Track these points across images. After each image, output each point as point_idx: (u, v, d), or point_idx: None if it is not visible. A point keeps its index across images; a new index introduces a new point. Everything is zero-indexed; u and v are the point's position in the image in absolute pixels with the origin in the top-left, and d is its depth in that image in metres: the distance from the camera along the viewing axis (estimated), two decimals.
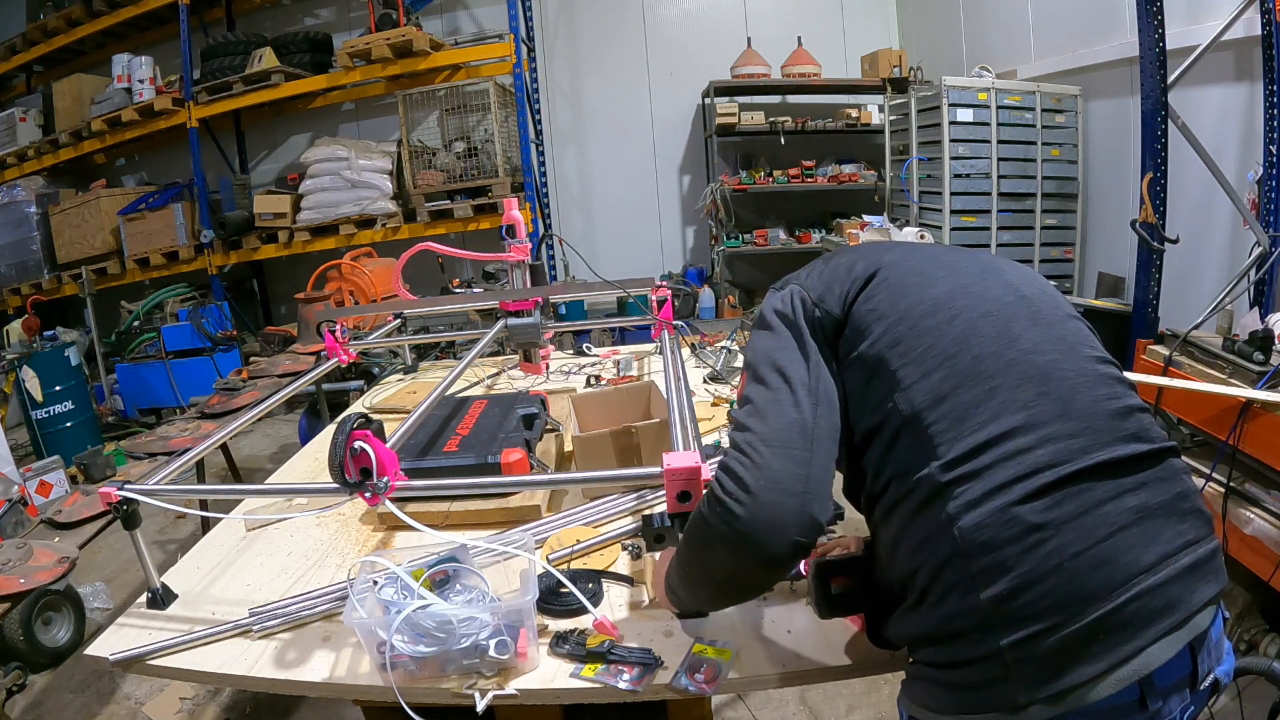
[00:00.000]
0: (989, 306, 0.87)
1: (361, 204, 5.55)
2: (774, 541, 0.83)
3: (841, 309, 0.93)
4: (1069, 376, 0.81)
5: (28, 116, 6.29)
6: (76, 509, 2.05)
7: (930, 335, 0.85)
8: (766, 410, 0.88)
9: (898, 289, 0.91)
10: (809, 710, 2.15)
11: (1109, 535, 0.73)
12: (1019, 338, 0.84)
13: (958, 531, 0.75)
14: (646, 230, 6.48)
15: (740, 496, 0.83)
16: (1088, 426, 0.78)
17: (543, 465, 1.60)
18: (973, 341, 0.84)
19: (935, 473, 0.78)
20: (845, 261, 0.99)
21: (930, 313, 0.87)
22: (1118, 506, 0.74)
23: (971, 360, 0.82)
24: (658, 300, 2.26)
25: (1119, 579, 0.71)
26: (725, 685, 1.00)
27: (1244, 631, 2.09)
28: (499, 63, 5.54)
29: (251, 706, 2.33)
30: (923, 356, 0.84)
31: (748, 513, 0.82)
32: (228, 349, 5.23)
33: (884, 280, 0.92)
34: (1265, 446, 1.93)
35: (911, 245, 1.04)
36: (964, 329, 0.85)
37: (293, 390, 2.05)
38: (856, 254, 1.01)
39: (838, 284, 0.95)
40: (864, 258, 0.98)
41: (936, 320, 0.86)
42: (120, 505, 1.22)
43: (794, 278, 1.02)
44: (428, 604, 1.03)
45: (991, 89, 4.16)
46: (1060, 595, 0.71)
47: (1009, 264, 0.99)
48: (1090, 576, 0.71)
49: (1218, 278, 3.07)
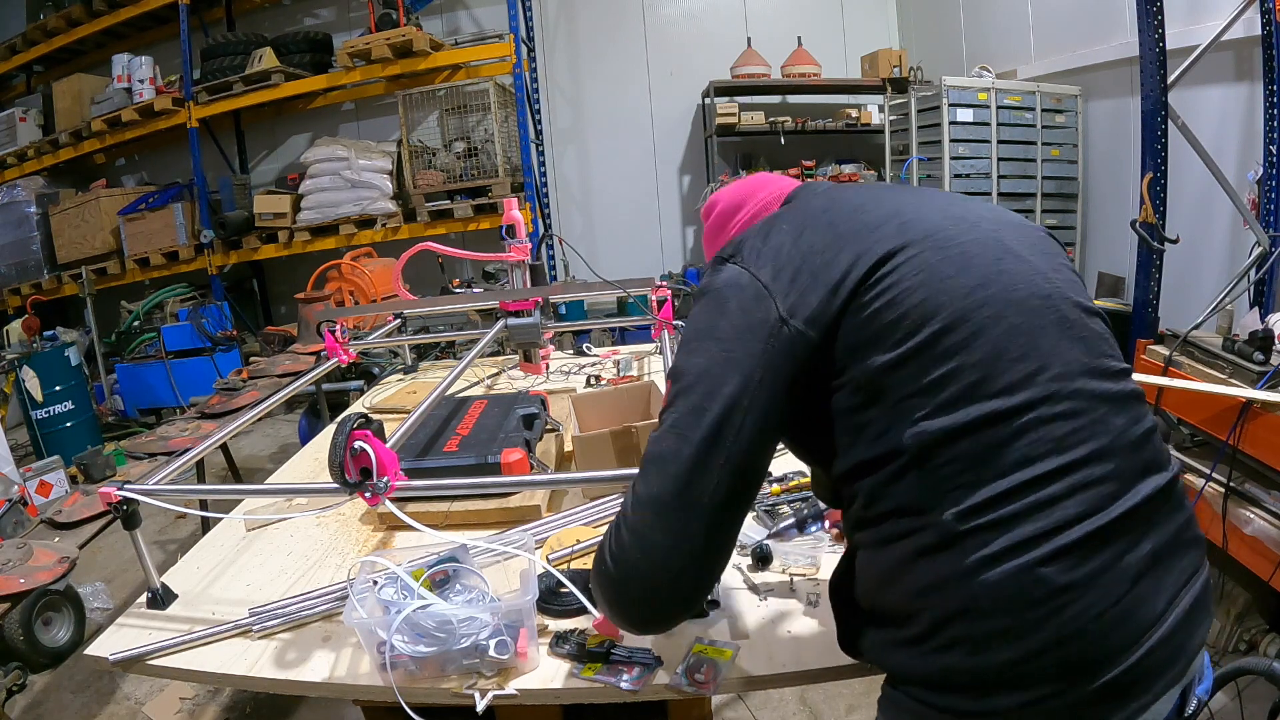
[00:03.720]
0: (1015, 318, 0.73)
1: (361, 204, 5.55)
2: (637, 617, 0.83)
3: (821, 331, 0.76)
4: (1100, 408, 0.73)
5: (28, 116, 6.29)
6: (76, 509, 2.05)
7: (947, 359, 0.71)
8: (666, 464, 0.77)
9: (915, 291, 0.74)
10: (809, 710, 2.15)
11: (1128, 590, 0.68)
12: (1049, 359, 0.72)
13: (977, 587, 0.68)
14: (646, 230, 6.47)
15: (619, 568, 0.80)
16: (1114, 469, 0.71)
17: (543, 465, 1.60)
18: (1000, 365, 0.71)
19: (950, 521, 0.69)
20: (820, 244, 0.79)
21: (950, 328, 0.72)
22: (1136, 555, 0.70)
23: (1001, 392, 0.70)
24: (658, 300, 2.26)
25: (1133, 636, 0.68)
26: (725, 685, 1.00)
27: (1244, 631, 2.09)
28: (499, 63, 5.54)
29: (251, 706, 2.33)
30: (938, 385, 0.71)
31: (620, 586, 0.81)
32: (228, 349, 5.23)
33: (888, 287, 0.74)
34: (1265, 446, 1.93)
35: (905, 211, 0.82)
36: (990, 351, 0.71)
37: (293, 390, 2.05)
38: (833, 229, 0.81)
39: (815, 290, 0.76)
40: (848, 242, 0.78)
41: (956, 338, 0.72)
42: (120, 505, 1.22)
43: (749, 254, 0.83)
44: (428, 604, 1.03)
45: (991, 89, 4.16)
46: (1075, 661, 0.67)
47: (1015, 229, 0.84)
48: (1107, 639, 0.68)
49: (1218, 278, 3.07)
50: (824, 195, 0.92)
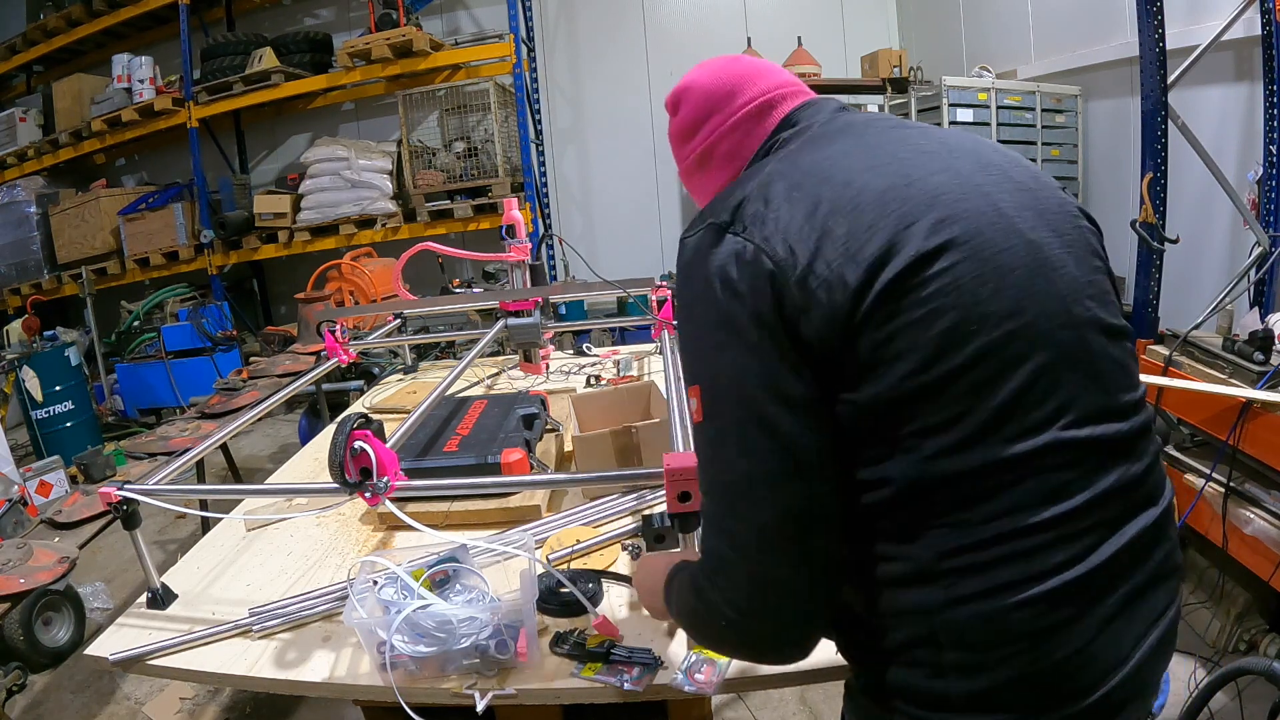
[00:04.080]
0: (1042, 357, 0.67)
1: (361, 204, 5.54)
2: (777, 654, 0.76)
3: (840, 335, 0.66)
4: (1103, 457, 0.69)
5: (28, 116, 6.29)
6: (76, 509, 2.05)
7: (967, 398, 0.65)
8: (753, 491, 0.68)
9: (955, 308, 0.65)
10: (809, 710, 2.15)
11: (1095, 637, 0.67)
12: (1068, 404, 0.67)
13: (940, 623, 0.66)
14: (646, 230, 6.47)
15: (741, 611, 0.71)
16: (1105, 516, 0.68)
17: (543, 465, 1.60)
18: (1018, 411, 0.66)
19: (930, 559, 0.66)
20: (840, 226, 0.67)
21: (975, 362, 0.65)
22: (1113, 598, 0.68)
23: (1013, 438, 0.65)
24: (658, 300, 2.26)
25: (1096, 678, 0.67)
26: (725, 685, 1.00)
27: (1244, 631, 2.09)
28: (499, 63, 5.54)
29: (251, 706, 2.33)
30: (950, 424, 0.65)
31: (747, 629, 0.73)
32: (228, 349, 5.23)
33: (939, 289, 0.65)
34: (1265, 446, 1.93)
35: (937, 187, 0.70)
36: (1011, 394, 0.66)
37: (293, 390, 2.06)
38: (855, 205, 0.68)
39: (845, 279, 0.65)
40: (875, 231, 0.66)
41: (980, 376, 0.65)
42: (120, 505, 1.22)
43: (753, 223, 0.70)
44: (428, 604, 1.03)
45: (991, 89, 4.16)
46: (1035, 698, 0.67)
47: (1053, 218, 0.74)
48: (1070, 680, 0.66)
49: (1218, 278, 3.07)
50: (835, 140, 0.78)
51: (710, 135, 0.90)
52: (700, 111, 0.90)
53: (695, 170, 0.94)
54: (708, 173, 0.92)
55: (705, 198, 0.92)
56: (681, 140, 0.94)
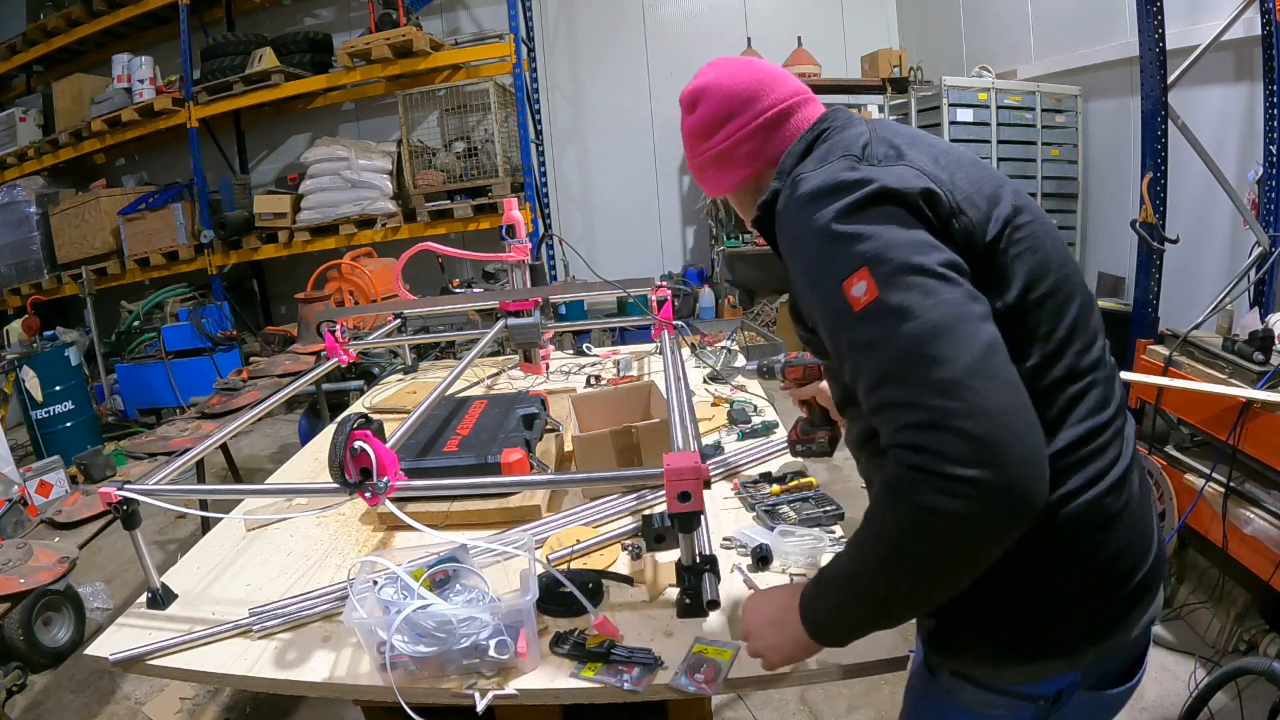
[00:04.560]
0: (1081, 296, 0.85)
1: (361, 204, 5.54)
2: (1038, 487, 0.67)
3: (985, 240, 0.78)
4: (1114, 376, 0.88)
5: (28, 116, 6.29)
6: (76, 509, 2.05)
7: (1054, 316, 0.81)
8: (953, 329, 0.68)
9: (1036, 242, 0.81)
10: (809, 710, 2.15)
11: (1141, 514, 0.85)
12: (1097, 333, 0.86)
13: (1060, 521, 0.78)
14: (646, 230, 6.47)
15: (992, 457, 0.65)
16: (1124, 421, 0.87)
17: (543, 465, 1.60)
18: (1080, 331, 0.83)
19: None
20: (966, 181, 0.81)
21: (1057, 287, 0.81)
22: (1138, 484, 0.86)
23: (1078, 353, 0.82)
24: (658, 300, 2.26)
25: (1147, 548, 0.85)
26: (725, 685, 1.00)
27: (1244, 631, 2.09)
28: (499, 63, 5.54)
29: (251, 706, 2.33)
30: (1046, 337, 0.79)
31: (1007, 471, 0.65)
32: (228, 349, 5.23)
33: (1026, 224, 0.81)
34: (1265, 446, 1.93)
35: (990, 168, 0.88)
36: (1075, 316, 0.82)
37: (293, 390, 2.06)
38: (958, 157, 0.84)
39: (976, 205, 0.79)
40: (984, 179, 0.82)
41: (1060, 297, 0.82)
42: (120, 505, 1.23)
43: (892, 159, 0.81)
44: (428, 604, 1.03)
45: (991, 89, 4.16)
46: (1119, 569, 0.82)
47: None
48: (1135, 551, 0.83)
49: (1218, 278, 3.07)
50: (893, 125, 0.92)
51: (730, 137, 0.97)
52: (719, 113, 0.97)
53: (710, 166, 1.00)
54: (724, 170, 1.00)
55: (720, 190, 1.03)
56: (698, 138, 1.00)
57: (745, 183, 0.99)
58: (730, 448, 1.71)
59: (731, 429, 1.82)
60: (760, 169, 0.97)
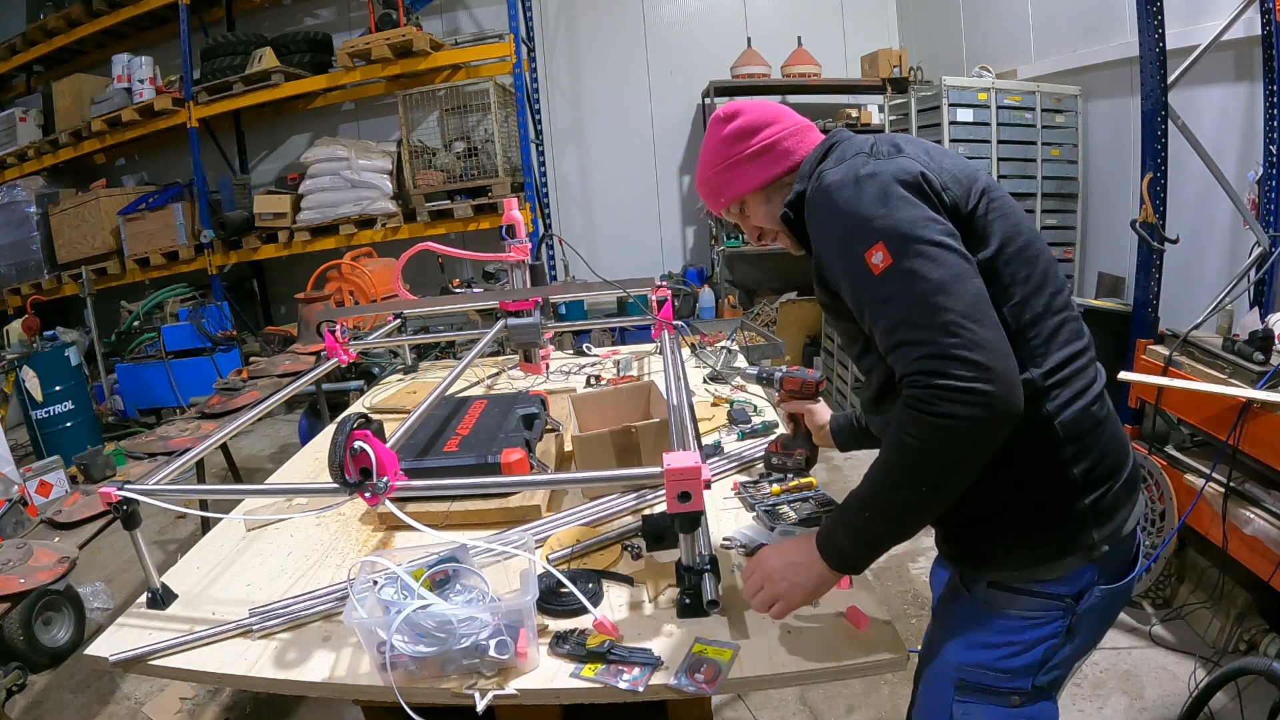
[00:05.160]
0: (1047, 254, 1.05)
1: (361, 204, 5.54)
2: (1019, 398, 0.89)
3: (967, 208, 0.99)
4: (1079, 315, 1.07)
5: (28, 116, 6.28)
6: (76, 509, 2.05)
7: (1029, 265, 1.00)
8: (951, 285, 0.90)
9: (1007, 211, 1.02)
10: (809, 710, 2.15)
11: (1118, 425, 1.06)
12: (1063, 283, 1.05)
13: (1059, 426, 0.98)
14: (646, 230, 6.47)
15: (987, 376, 0.86)
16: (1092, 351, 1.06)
17: (543, 465, 1.60)
18: (1050, 279, 1.02)
19: (1038, 378, 0.97)
20: (951, 167, 1.02)
21: (1028, 245, 1.01)
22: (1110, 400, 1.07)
23: (1051, 294, 1.01)
24: (658, 300, 2.26)
25: (1127, 451, 1.06)
26: (725, 685, 1.00)
27: (1244, 631, 2.09)
28: (499, 63, 5.54)
29: (251, 706, 2.33)
30: (1024, 280, 0.99)
31: (998, 385, 0.87)
32: (228, 349, 5.23)
33: (998, 198, 1.02)
34: (1265, 446, 1.93)
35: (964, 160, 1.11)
36: (1044, 268, 1.02)
37: (293, 390, 2.05)
38: (952, 158, 1.05)
39: (959, 183, 1.00)
40: (964, 167, 1.04)
41: (1031, 252, 1.01)
42: (120, 505, 1.22)
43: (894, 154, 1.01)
44: (428, 604, 1.03)
45: (991, 89, 4.16)
46: (1112, 463, 1.02)
47: None
48: (1120, 450, 1.04)
49: (1218, 278, 3.06)
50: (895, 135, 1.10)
51: (776, 134, 1.16)
52: (759, 120, 1.17)
53: (746, 163, 1.17)
54: (761, 164, 1.16)
55: (749, 186, 1.18)
56: (739, 139, 1.17)
57: (776, 178, 1.16)
58: (730, 448, 1.71)
59: (731, 429, 1.82)
60: (790, 166, 1.15)
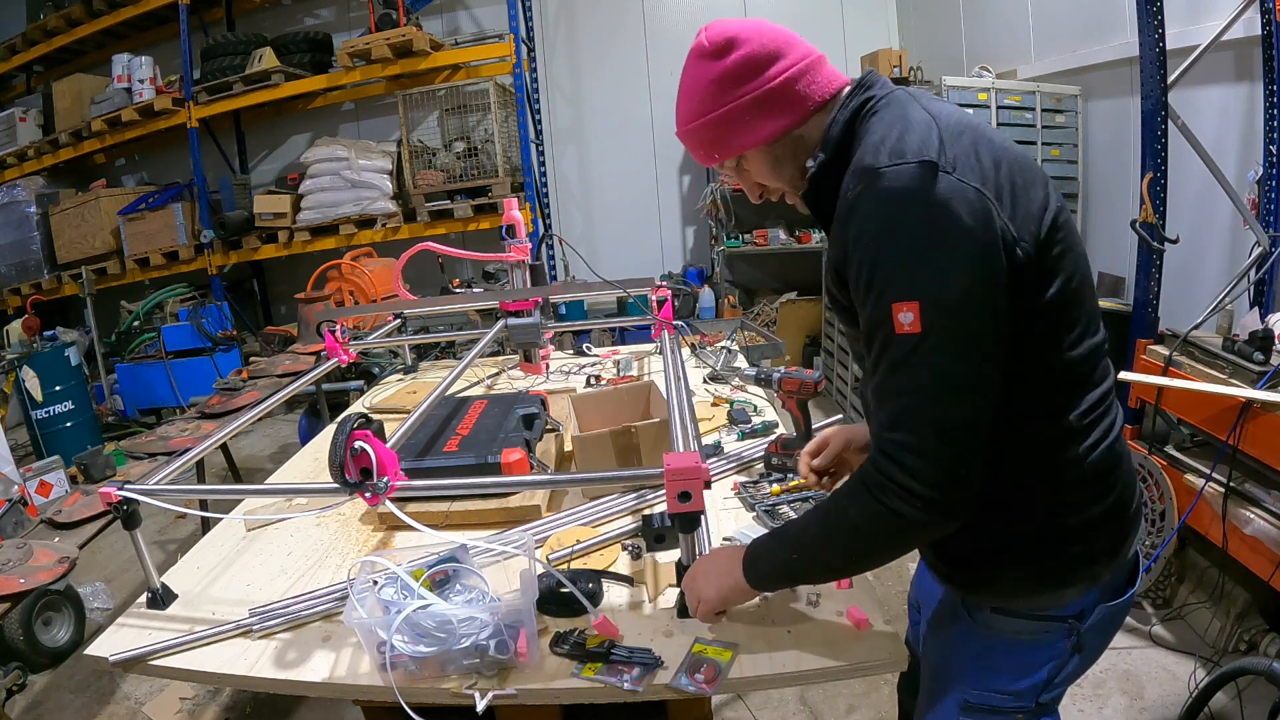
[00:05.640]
0: (1088, 269, 0.97)
1: (361, 204, 5.54)
2: (964, 517, 0.88)
3: (1035, 249, 0.87)
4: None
5: (28, 116, 6.28)
6: (76, 509, 2.05)
7: (1080, 306, 0.93)
8: (966, 390, 0.84)
9: (1074, 242, 0.92)
10: (809, 710, 2.15)
11: (1129, 456, 1.03)
12: (1097, 306, 0.98)
13: (1087, 466, 0.95)
14: (646, 230, 6.47)
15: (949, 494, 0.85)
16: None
17: (543, 465, 1.60)
18: (1094, 316, 0.97)
19: (1073, 421, 0.94)
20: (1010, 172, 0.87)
21: (1086, 277, 0.95)
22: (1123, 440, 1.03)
23: (1096, 329, 0.96)
24: (658, 300, 2.26)
25: (1136, 482, 1.04)
26: (725, 685, 1.00)
27: (1244, 631, 2.09)
28: (499, 63, 5.54)
29: (251, 706, 2.33)
30: (1073, 323, 0.93)
31: (955, 506, 0.86)
32: (228, 349, 5.23)
33: (1064, 222, 0.91)
34: (1265, 446, 1.93)
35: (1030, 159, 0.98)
36: (1090, 306, 0.95)
37: (293, 390, 2.05)
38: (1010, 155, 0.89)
39: (1032, 217, 0.87)
40: (1039, 179, 0.90)
41: (1088, 286, 0.95)
42: (120, 505, 1.22)
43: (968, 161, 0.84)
44: (428, 604, 1.03)
45: (991, 89, 4.16)
46: (1125, 500, 1.00)
47: None
48: (1132, 485, 1.02)
49: (1218, 278, 3.06)
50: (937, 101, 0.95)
51: (786, 72, 0.93)
52: (761, 54, 0.93)
53: (744, 114, 0.95)
54: (765, 116, 0.95)
55: (749, 143, 0.97)
56: (737, 79, 0.94)
57: (786, 131, 0.96)
58: (730, 448, 1.71)
59: (731, 429, 1.82)
60: (804, 117, 0.95)
